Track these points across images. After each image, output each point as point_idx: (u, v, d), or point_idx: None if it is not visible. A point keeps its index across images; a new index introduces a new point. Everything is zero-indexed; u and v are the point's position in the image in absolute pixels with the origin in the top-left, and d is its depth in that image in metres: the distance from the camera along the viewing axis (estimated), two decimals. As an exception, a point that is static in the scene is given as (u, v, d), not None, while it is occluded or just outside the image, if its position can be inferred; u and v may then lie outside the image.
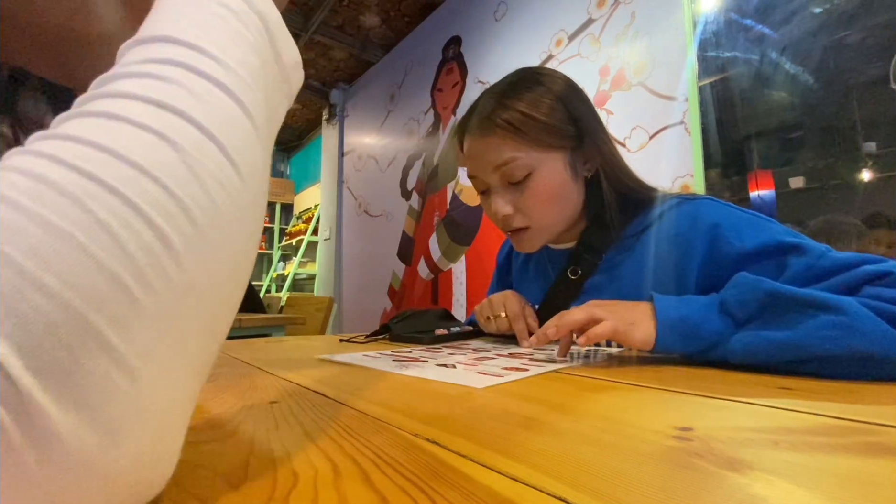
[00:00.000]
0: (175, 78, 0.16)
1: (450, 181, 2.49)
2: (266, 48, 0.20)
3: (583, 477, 0.19)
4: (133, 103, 0.15)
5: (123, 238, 0.13)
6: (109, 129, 0.15)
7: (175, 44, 0.17)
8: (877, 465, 0.20)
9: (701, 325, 0.46)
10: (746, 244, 0.54)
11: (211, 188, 0.16)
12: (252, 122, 0.18)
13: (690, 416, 0.28)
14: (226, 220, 0.16)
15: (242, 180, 0.17)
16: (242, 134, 0.17)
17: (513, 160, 0.63)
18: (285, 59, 0.21)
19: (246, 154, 0.17)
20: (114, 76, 0.17)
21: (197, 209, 0.15)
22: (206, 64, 0.17)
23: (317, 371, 0.47)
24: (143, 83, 0.16)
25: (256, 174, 0.18)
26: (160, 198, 0.14)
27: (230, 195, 0.16)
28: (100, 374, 0.12)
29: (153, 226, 0.14)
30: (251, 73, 0.19)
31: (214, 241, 0.16)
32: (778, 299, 0.43)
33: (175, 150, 0.15)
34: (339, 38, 3.12)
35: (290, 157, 5.44)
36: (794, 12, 1.34)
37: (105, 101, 0.16)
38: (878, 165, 1.23)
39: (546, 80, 0.66)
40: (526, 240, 0.68)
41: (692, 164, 1.44)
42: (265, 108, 0.19)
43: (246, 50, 0.19)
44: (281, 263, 4.58)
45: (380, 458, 0.21)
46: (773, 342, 0.42)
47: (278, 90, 0.21)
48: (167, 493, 0.18)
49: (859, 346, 0.38)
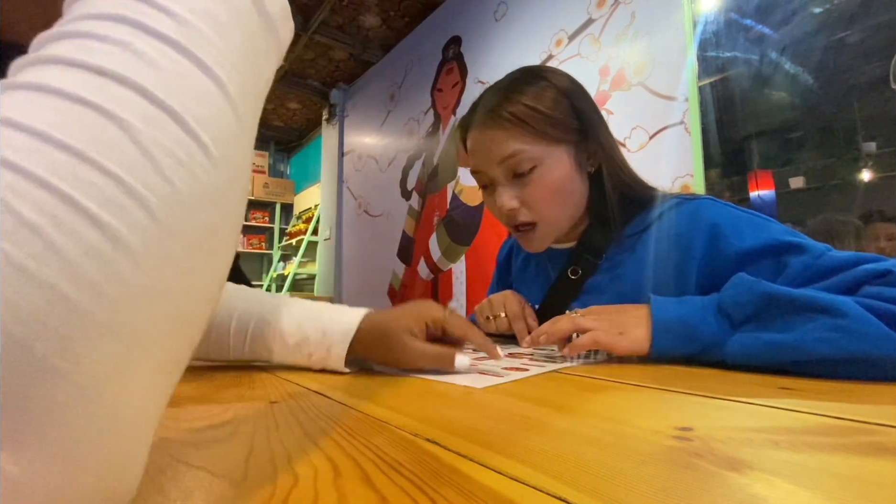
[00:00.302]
0: (118, 38, 0.14)
1: (450, 181, 2.48)
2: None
3: (583, 477, 0.19)
4: (68, 71, 0.13)
5: (59, 243, 0.11)
6: (38, 105, 0.12)
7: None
8: (877, 465, 0.20)
9: (697, 326, 0.46)
10: (746, 244, 0.54)
11: (170, 171, 0.13)
12: (219, 85, 0.15)
13: (690, 416, 0.28)
14: (192, 207, 0.14)
15: (209, 158, 0.14)
16: (206, 100, 0.15)
17: (519, 153, 0.63)
18: (269, 6, 0.18)
19: (212, 124, 0.15)
20: (49, 36, 0.14)
21: (154, 198, 0.13)
22: (156, 19, 0.14)
23: (317, 371, 0.47)
24: (80, 45, 0.13)
25: (229, 147, 0.15)
26: (105, 188, 0.12)
27: (195, 177, 0.14)
28: (47, 406, 0.11)
29: (99, 224, 0.11)
30: (216, 24, 0.16)
31: (181, 234, 0.13)
32: (775, 301, 0.43)
33: (120, 128, 0.12)
34: (339, 38, 3.12)
35: (290, 157, 5.44)
36: (794, 12, 1.35)
37: (35, 69, 0.13)
38: (878, 165, 1.23)
39: (549, 75, 0.67)
40: (535, 238, 0.68)
41: (692, 164, 1.44)
42: (240, 67, 0.16)
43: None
44: (281, 264, 4.58)
45: (380, 459, 0.21)
46: (770, 344, 0.42)
47: (261, 44, 0.18)
48: (167, 493, 0.18)
49: (857, 348, 0.38)
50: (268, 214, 4.99)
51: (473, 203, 2.31)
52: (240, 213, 0.17)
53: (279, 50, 0.19)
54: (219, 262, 0.16)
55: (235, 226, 0.17)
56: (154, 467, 0.20)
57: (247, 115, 0.17)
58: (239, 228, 0.17)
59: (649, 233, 0.65)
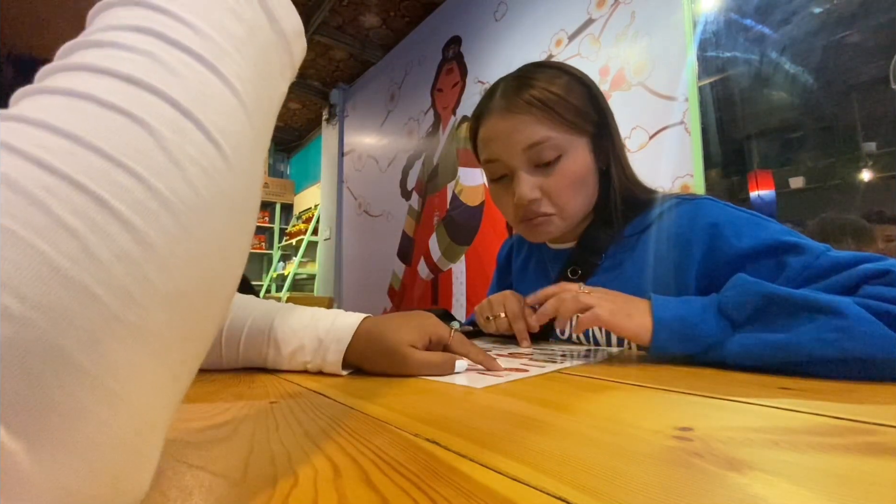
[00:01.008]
0: (144, 48, 0.14)
1: (450, 181, 2.48)
2: (254, 12, 0.17)
3: (583, 477, 0.19)
4: (97, 77, 0.13)
5: (94, 244, 0.11)
6: (71, 109, 0.12)
7: (144, 7, 0.15)
8: (877, 465, 0.20)
9: (697, 325, 0.46)
10: (745, 243, 0.54)
11: (194, 177, 0.13)
12: (236, 96, 0.16)
13: (690, 416, 0.28)
14: (213, 214, 0.14)
15: (229, 164, 0.15)
16: (226, 110, 0.15)
17: (546, 139, 0.61)
18: (283, 24, 0.18)
19: (231, 134, 0.15)
20: (76, 45, 0.14)
21: (180, 203, 0.13)
22: (177, 30, 0.15)
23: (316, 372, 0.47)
24: (108, 54, 0.14)
25: (245, 156, 0.16)
26: (136, 192, 0.12)
27: (216, 183, 0.14)
28: (73, 405, 0.11)
29: (130, 227, 0.12)
30: (232, 39, 0.16)
31: (202, 239, 0.14)
32: (776, 301, 0.43)
33: (150, 134, 0.13)
34: (339, 38, 3.12)
35: (290, 157, 5.44)
36: (794, 12, 1.34)
37: (65, 75, 0.13)
38: (878, 165, 1.23)
39: (564, 66, 0.67)
40: (546, 229, 0.66)
41: (692, 164, 1.44)
42: (255, 81, 0.17)
43: (224, 13, 0.16)
44: (281, 263, 4.58)
45: (380, 458, 0.21)
46: (770, 344, 0.41)
47: (276, 59, 0.18)
48: (167, 492, 0.18)
49: (857, 349, 0.38)
50: (268, 214, 5.00)
51: (473, 203, 2.31)
52: (253, 222, 0.17)
53: (292, 66, 0.20)
54: (234, 268, 0.16)
55: (249, 234, 0.17)
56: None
57: (261, 125, 0.17)
58: (251, 237, 0.18)
59: (649, 232, 0.65)
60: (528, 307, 0.70)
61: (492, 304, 0.71)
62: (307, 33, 3.03)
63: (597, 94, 0.66)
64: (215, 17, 0.16)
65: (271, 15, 0.18)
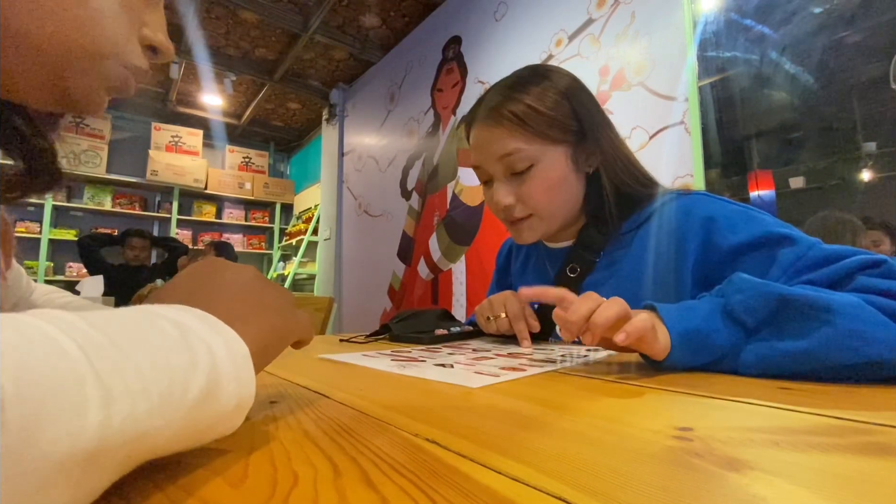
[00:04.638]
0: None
1: (450, 181, 2.48)
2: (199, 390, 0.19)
3: (583, 477, 0.19)
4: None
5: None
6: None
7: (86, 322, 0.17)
8: (877, 465, 0.20)
9: (710, 335, 0.43)
10: (739, 237, 0.54)
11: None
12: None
13: (690, 416, 0.28)
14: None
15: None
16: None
17: (516, 151, 0.64)
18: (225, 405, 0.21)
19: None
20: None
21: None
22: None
23: (317, 371, 0.47)
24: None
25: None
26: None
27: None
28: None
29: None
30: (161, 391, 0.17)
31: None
32: (789, 304, 0.40)
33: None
34: (339, 38, 3.12)
35: (290, 157, 5.43)
36: (794, 12, 1.35)
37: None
38: (878, 165, 1.23)
39: (553, 75, 0.68)
40: (525, 228, 0.69)
41: (692, 164, 1.44)
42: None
43: (172, 378, 0.18)
44: (281, 263, 4.58)
45: (380, 458, 0.21)
46: (789, 354, 0.39)
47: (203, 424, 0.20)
48: (167, 492, 0.18)
49: (876, 353, 0.36)
50: (268, 214, 4.99)
51: (473, 203, 2.31)
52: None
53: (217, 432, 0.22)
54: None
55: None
56: (153, 466, 0.20)
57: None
58: None
59: (645, 229, 0.66)
60: (528, 306, 0.70)
61: (492, 304, 0.71)
62: (307, 33, 3.03)
63: (580, 104, 0.66)
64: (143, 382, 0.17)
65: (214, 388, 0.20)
